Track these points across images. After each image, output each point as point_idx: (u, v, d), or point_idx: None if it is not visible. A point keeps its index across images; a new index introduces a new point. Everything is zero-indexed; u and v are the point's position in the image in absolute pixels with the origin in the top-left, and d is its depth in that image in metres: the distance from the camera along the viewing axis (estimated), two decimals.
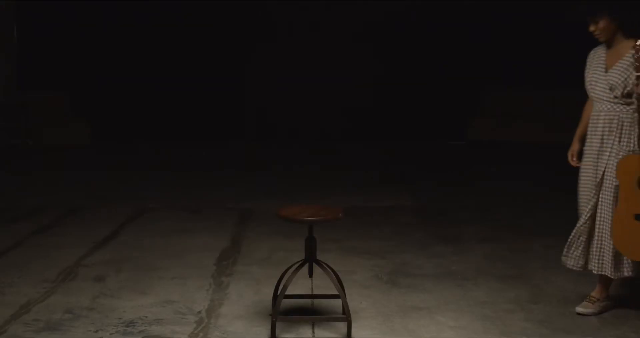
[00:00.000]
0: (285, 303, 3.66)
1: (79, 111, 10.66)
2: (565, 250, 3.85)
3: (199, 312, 3.75)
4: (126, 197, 6.84)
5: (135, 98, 10.99)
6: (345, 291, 3.55)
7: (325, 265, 3.51)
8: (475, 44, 11.00)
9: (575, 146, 3.90)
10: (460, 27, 10.99)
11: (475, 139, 10.40)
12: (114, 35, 10.91)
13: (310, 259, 3.50)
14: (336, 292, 3.50)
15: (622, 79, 3.56)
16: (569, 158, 3.89)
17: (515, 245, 5.11)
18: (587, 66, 3.77)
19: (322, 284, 4.03)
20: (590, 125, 3.73)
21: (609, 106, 3.62)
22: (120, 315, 3.69)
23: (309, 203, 3.85)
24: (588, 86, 3.73)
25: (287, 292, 3.47)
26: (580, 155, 3.84)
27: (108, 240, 5.22)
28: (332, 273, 3.51)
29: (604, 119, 3.63)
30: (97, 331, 3.48)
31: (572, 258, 3.81)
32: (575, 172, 3.88)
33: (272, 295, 3.70)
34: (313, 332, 3.49)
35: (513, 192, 7.07)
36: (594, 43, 3.78)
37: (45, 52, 10.72)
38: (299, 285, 4.01)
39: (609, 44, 3.70)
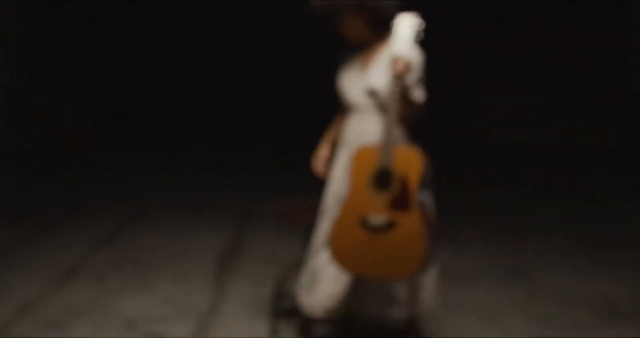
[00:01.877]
0: (285, 303, 3.67)
1: (80, 111, 10.67)
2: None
3: (199, 312, 3.75)
4: (126, 197, 6.84)
5: (136, 98, 11.01)
6: None
7: None
8: (476, 44, 11.01)
9: (325, 152, 3.26)
10: (461, 26, 11.00)
11: (475, 139, 10.42)
12: (115, 36, 10.93)
13: None
14: None
15: (384, 81, 2.94)
16: (317, 165, 3.25)
17: (515, 245, 5.11)
18: (340, 71, 3.14)
19: None
20: (345, 137, 3.12)
21: (369, 117, 3.03)
22: (120, 315, 3.69)
23: (309, 203, 3.85)
24: (343, 93, 3.11)
25: (288, 292, 3.47)
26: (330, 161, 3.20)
27: (108, 240, 5.22)
28: None
29: (364, 132, 3.02)
30: (97, 331, 3.48)
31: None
32: (576, 171, 3.86)
33: (272, 295, 3.70)
34: (313, 332, 3.49)
35: (512, 192, 7.07)
36: (594, 44, 3.69)
37: (47, 53, 10.73)
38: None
39: (361, 44, 3.07)
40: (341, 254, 2.88)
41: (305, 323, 3.28)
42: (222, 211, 6.16)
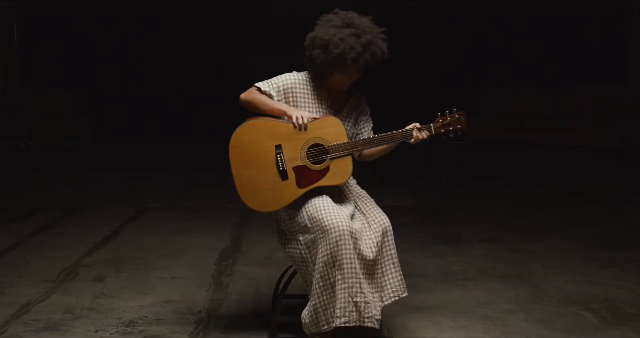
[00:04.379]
0: (285, 303, 3.66)
1: (79, 111, 10.67)
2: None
3: (199, 312, 3.75)
4: (126, 197, 6.84)
5: (135, 97, 11.00)
6: None
7: None
8: (476, 44, 11.00)
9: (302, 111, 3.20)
10: (460, 26, 10.99)
11: (475, 139, 10.41)
12: (114, 34, 10.92)
13: None
14: None
15: (350, 129, 3.29)
16: (306, 119, 3.13)
17: (515, 245, 5.10)
18: (303, 94, 3.29)
19: None
20: None
21: None
22: (120, 315, 3.68)
23: None
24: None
25: (287, 292, 3.47)
26: None
27: (108, 240, 5.22)
28: None
29: None
30: (97, 331, 3.48)
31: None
32: (576, 171, 3.84)
33: (272, 295, 3.70)
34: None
35: (513, 192, 7.07)
36: (595, 44, 3.55)
37: (45, 51, 10.73)
38: (299, 285, 4.00)
39: (324, 83, 3.28)
40: (237, 148, 3.37)
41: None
42: (222, 211, 6.16)
